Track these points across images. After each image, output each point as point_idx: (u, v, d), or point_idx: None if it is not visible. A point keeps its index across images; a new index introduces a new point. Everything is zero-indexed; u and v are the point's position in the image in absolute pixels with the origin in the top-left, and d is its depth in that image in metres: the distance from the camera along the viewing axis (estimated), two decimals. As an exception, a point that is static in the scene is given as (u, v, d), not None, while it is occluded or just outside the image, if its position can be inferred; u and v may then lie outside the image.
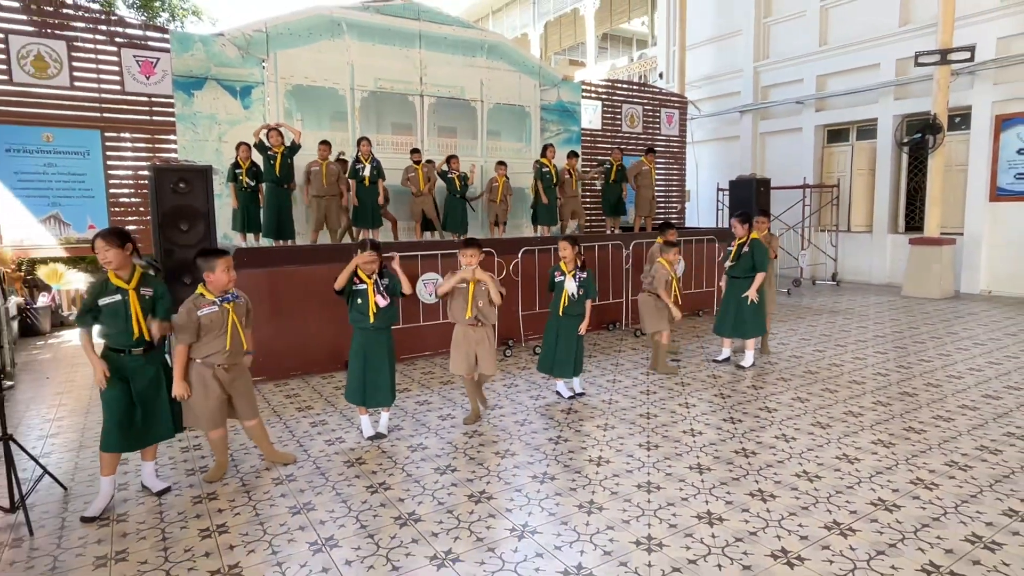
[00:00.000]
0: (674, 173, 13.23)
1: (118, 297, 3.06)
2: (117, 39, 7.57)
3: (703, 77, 14.62)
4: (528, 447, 3.90)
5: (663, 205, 12.77)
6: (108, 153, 7.65)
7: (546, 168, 8.96)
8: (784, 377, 5.44)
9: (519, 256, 6.70)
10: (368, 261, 3.86)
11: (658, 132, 12.83)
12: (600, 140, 11.87)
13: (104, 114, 7.59)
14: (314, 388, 5.33)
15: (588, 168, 10.63)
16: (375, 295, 3.86)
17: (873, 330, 7.43)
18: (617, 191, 9.60)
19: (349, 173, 7.90)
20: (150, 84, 7.79)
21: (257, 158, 7.50)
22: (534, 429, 4.22)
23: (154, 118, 7.87)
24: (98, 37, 7.47)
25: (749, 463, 3.60)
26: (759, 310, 5.65)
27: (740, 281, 5.66)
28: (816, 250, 12.54)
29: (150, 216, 5.66)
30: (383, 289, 3.90)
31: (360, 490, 3.33)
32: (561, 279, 4.67)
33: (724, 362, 5.93)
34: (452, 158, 8.71)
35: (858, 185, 11.93)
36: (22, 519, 3.01)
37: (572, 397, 4.89)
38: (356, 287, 3.89)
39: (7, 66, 6.99)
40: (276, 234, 7.57)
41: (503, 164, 9.04)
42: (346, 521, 2.99)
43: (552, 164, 9.00)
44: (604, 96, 12.09)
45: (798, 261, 11.65)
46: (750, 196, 9.45)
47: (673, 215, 13.16)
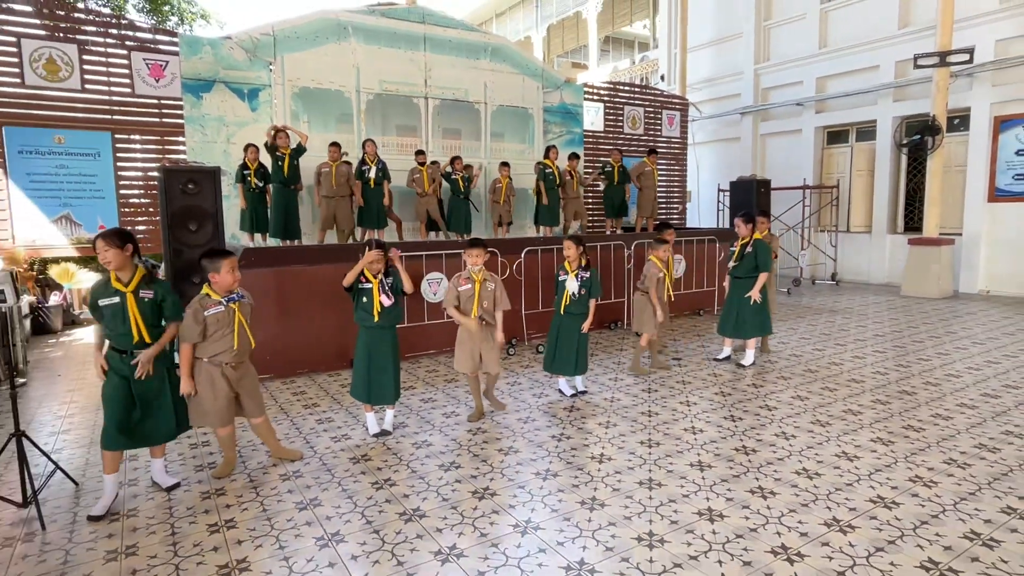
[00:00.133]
0: (675, 174, 13.20)
1: (116, 300, 3.01)
2: (127, 42, 7.59)
3: (704, 79, 14.59)
4: (531, 444, 3.90)
5: (664, 206, 12.75)
6: (118, 155, 7.67)
7: (549, 169, 8.95)
8: (784, 376, 5.42)
9: (522, 256, 6.70)
10: (374, 260, 3.87)
11: (659, 134, 12.80)
12: (602, 142, 11.84)
13: (114, 116, 7.61)
14: (320, 386, 5.33)
15: (589, 173, 10.61)
16: (380, 294, 3.87)
17: (872, 329, 7.40)
18: (620, 192, 9.59)
19: (355, 174, 7.91)
20: (159, 87, 7.81)
21: (265, 159, 7.52)
22: (537, 427, 4.22)
23: (163, 120, 7.89)
24: (108, 41, 7.49)
25: (749, 460, 3.59)
26: (762, 310, 5.63)
27: (743, 281, 5.65)
28: (816, 250, 12.51)
29: (159, 216, 5.67)
30: (388, 288, 3.91)
31: (366, 486, 3.33)
32: (564, 278, 4.69)
33: (725, 361, 5.92)
34: (456, 159, 8.71)
35: (857, 186, 11.89)
36: (34, 514, 3.02)
37: (574, 395, 4.89)
38: (362, 286, 3.90)
39: (20, 69, 7.02)
40: (283, 234, 7.59)
41: (506, 165, 9.03)
42: (352, 517, 2.99)
43: (555, 165, 8.99)
44: (606, 98, 12.06)
45: (798, 261, 11.62)
46: (750, 197, 9.44)
47: (674, 216, 13.14)
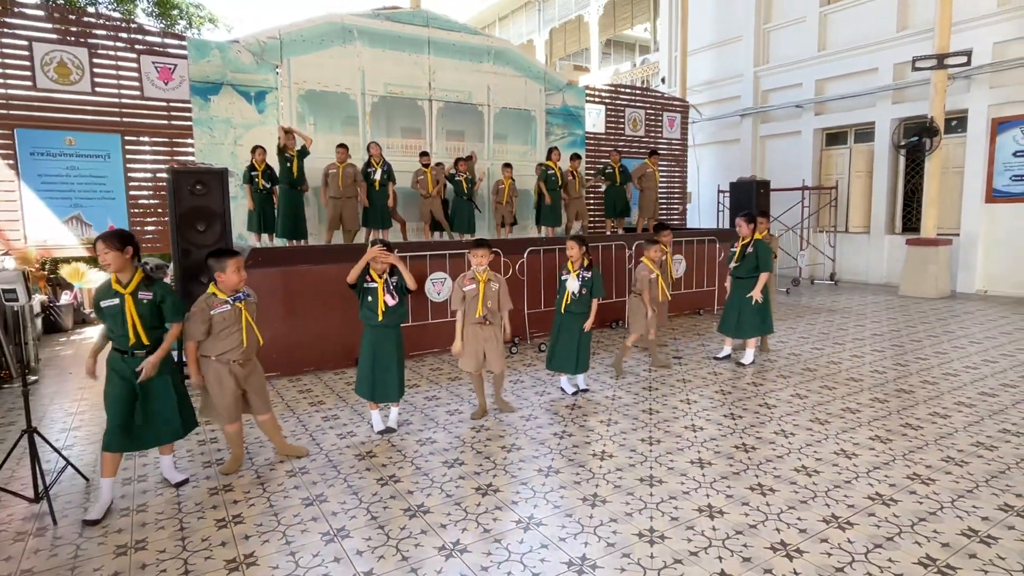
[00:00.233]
0: (676, 175, 13.19)
1: (116, 301, 3.01)
2: (137, 46, 7.61)
3: (704, 82, 14.57)
4: (534, 442, 3.91)
5: (665, 206, 12.74)
6: (128, 156, 7.70)
7: (551, 171, 8.96)
8: (783, 374, 5.42)
9: (525, 256, 6.71)
10: (376, 257, 3.87)
11: (660, 135, 12.79)
12: (604, 143, 11.83)
13: (124, 119, 7.63)
14: (326, 384, 5.35)
15: (591, 174, 10.60)
16: (384, 294, 3.88)
17: (870, 329, 7.39)
18: (622, 192, 9.59)
19: (362, 176, 7.92)
20: (168, 89, 7.83)
21: (272, 161, 7.54)
22: (539, 424, 4.23)
23: (172, 122, 7.91)
24: (118, 44, 7.51)
25: (749, 458, 3.59)
26: (763, 310, 5.62)
27: (744, 281, 5.64)
28: (815, 250, 12.49)
29: (168, 217, 5.69)
30: (393, 288, 3.92)
31: (371, 482, 3.34)
32: (565, 277, 4.70)
33: (725, 359, 5.91)
34: (460, 160, 8.72)
35: (856, 187, 11.86)
36: (46, 509, 3.04)
37: (575, 393, 4.89)
38: (367, 285, 3.92)
39: (31, 72, 7.05)
40: (290, 234, 7.61)
41: (509, 166, 9.04)
42: (357, 512, 3.00)
43: (557, 167, 9.00)
44: (608, 100, 12.06)
45: (797, 261, 11.60)
46: (750, 198, 9.42)
47: (675, 216, 13.13)
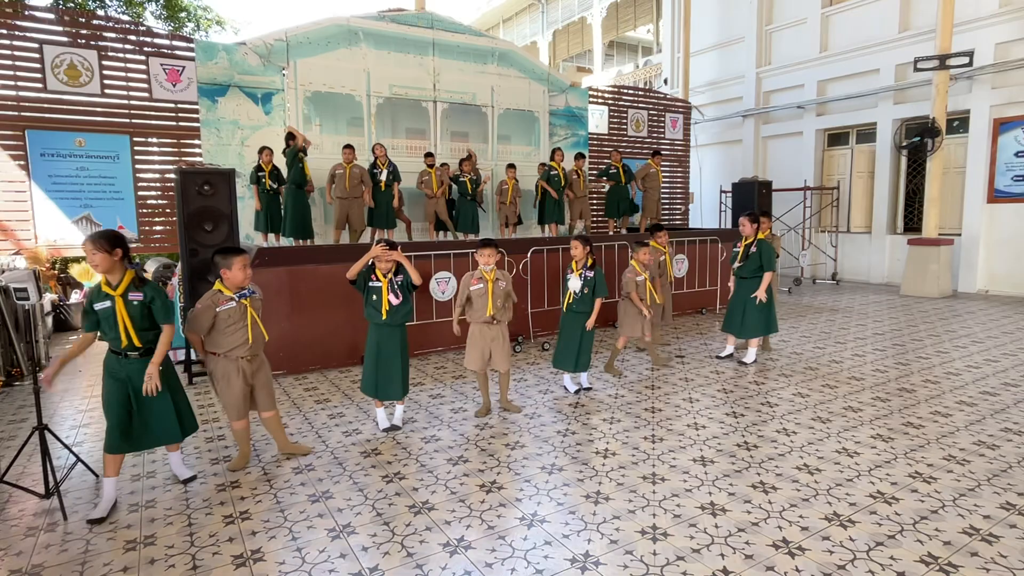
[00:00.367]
0: (678, 176, 13.15)
1: (108, 304, 2.96)
2: (145, 48, 7.63)
3: (706, 83, 14.53)
4: (537, 439, 3.90)
5: (667, 207, 12.72)
6: (136, 157, 7.72)
7: (554, 171, 8.96)
8: (785, 373, 5.40)
9: (528, 256, 6.70)
10: (379, 256, 3.86)
11: (662, 136, 12.76)
12: (607, 144, 11.81)
13: (133, 120, 7.65)
14: (332, 382, 5.35)
15: (593, 176, 10.57)
16: (388, 293, 3.88)
17: (872, 328, 7.35)
18: (627, 192, 9.58)
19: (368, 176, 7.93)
20: (176, 91, 7.85)
21: (279, 162, 7.56)
22: (543, 422, 4.22)
23: (180, 124, 7.93)
24: (127, 47, 7.53)
25: (751, 456, 3.57)
26: (767, 309, 5.60)
27: (748, 281, 5.61)
28: (816, 250, 12.44)
29: (176, 217, 5.70)
30: (397, 287, 3.92)
31: (376, 479, 3.34)
32: (569, 276, 4.70)
33: (727, 358, 5.89)
34: (464, 161, 8.72)
35: (858, 187, 11.80)
36: (56, 505, 3.05)
37: (577, 391, 4.88)
38: (372, 284, 3.91)
39: (42, 75, 7.08)
40: (297, 234, 7.61)
41: (513, 167, 9.04)
42: (363, 509, 3.00)
43: (561, 167, 8.99)
44: (610, 101, 12.03)
45: (799, 261, 11.55)
46: (752, 198, 9.40)
47: (677, 216, 13.10)
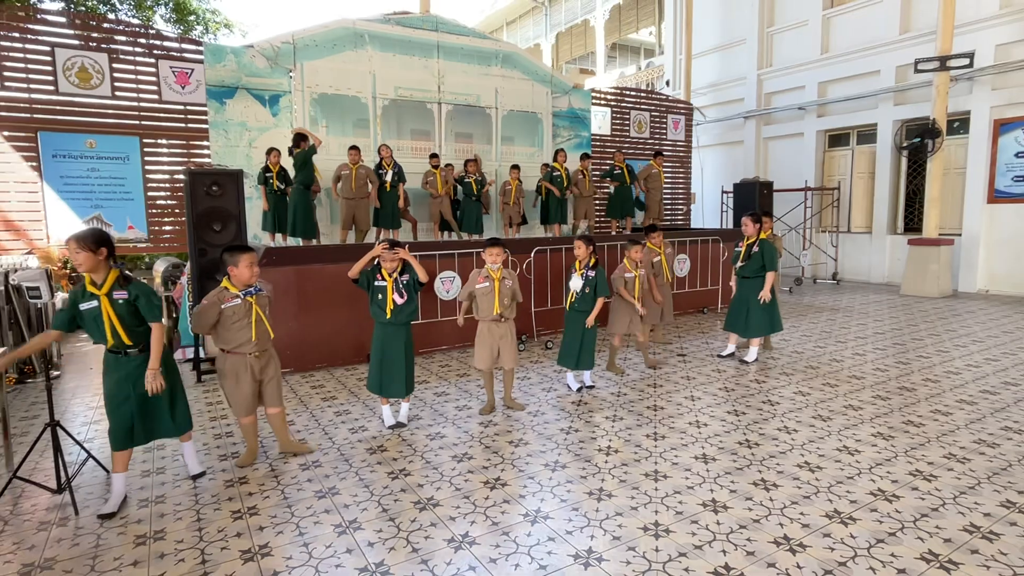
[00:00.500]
0: (680, 176, 13.12)
1: (94, 304, 2.93)
2: (155, 51, 7.66)
3: (708, 84, 14.50)
4: (541, 437, 3.90)
5: (670, 207, 12.70)
6: (146, 158, 7.75)
7: (557, 172, 8.96)
8: (786, 372, 5.38)
9: (532, 255, 6.70)
10: (380, 255, 3.87)
11: (665, 137, 12.74)
12: (609, 145, 11.80)
13: (143, 122, 7.68)
14: (338, 380, 5.36)
15: (596, 176, 10.57)
16: (393, 292, 3.88)
17: (872, 327, 7.33)
18: (630, 193, 9.57)
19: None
20: (185, 93, 7.88)
21: (286, 163, 7.58)
22: (546, 420, 4.22)
23: (189, 125, 7.96)
24: (137, 50, 7.56)
25: (752, 454, 3.57)
26: (770, 308, 5.58)
27: (750, 280, 5.60)
28: (817, 250, 12.40)
29: (185, 217, 5.72)
30: (402, 287, 3.92)
31: (382, 476, 3.35)
32: (572, 275, 4.70)
33: (728, 357, 5.88)
34: (469, 162, 8.74)
35: (858, 188, 11.76)
36: (68, 500, 3.07)
37: (580, 389, 4.88)
38: (377, 284, 3.92)
39: (54, 77, 7.12)
40: (304, 234, 7.62)
41: (517, 168, 9.04)
42: (369, 505, 3.01)
43: (563, 168, 8.99)
44: (613, 103, 12.02)
45: (799, 261, 11.52)
46: (753, 198, 9.37)
47: (680, 217, 13.08)
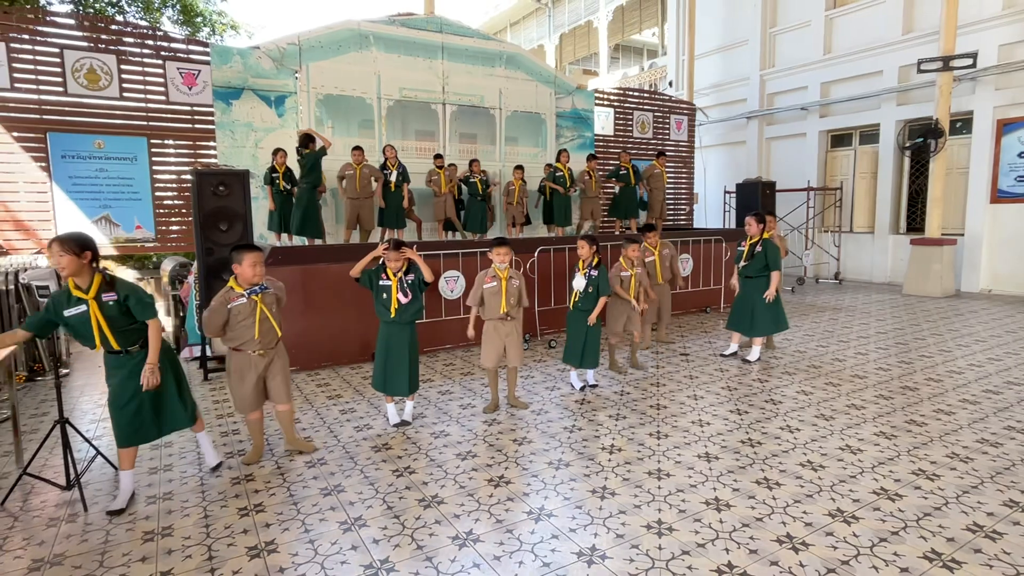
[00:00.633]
0: (683, 177, 13.09)
1: (82, 308, 2.87)
2: (162, 53, 7.68)
3: (711, 85, 14.46)
4: (544, 435, 3.90)
5: (672, 207, 12.67)
6: (154, 159, 7.77)
7: (560, 172, 8.95)
8: (789, 371, 5.37)
9: (535, 255, 6.70)
10: (390, 258, 3.87)
11: (667, 138, 12.71)
12: (613, 145, 11.78)
13: (150, 122, 7.70)
14: (343, 378, 5.37)
15: (603, 177, 10.55)
16: (397, 292, 3.89)
17: (875, 327, 7.29)
18: (635, 193, 9.56)
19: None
20: (192, 94, 7.90)
21: (292, 163, 7.58)
22: (550, 418, 4.22)
23: (196, 126, 7.98)
24: (145, 51, 7.58)
25: (755, 452, 3.56)
26: (775, 307, 5.56)
27: (754, 280, 5.57)
28: (819, 250, 12.35)
29: (192, 217, 5.73)
30: (407, 286, 3.92)
31: (387, 474, 3.35)
32: (575, 275, 4.70)
33: (731, 356, 5.86)
34: (474, 161, 8.74)
35: (861, 188, 11.71)
36: (77, 496, 3.08)
37: (583, 388, 4.88)
38: (382, 283, 3.92)
39: (63, 79, 7.14)
40: (309, 233, 7.63)
41: (520, 168, 9.03)
42: (374, 502, 3.01)
43: (566, 168, 8.98)
44: (616, 103, 11.99)
45: (802, 260, 11.48)
46: (756, 198, 9.34)
47: (682, 217, 13.05)
